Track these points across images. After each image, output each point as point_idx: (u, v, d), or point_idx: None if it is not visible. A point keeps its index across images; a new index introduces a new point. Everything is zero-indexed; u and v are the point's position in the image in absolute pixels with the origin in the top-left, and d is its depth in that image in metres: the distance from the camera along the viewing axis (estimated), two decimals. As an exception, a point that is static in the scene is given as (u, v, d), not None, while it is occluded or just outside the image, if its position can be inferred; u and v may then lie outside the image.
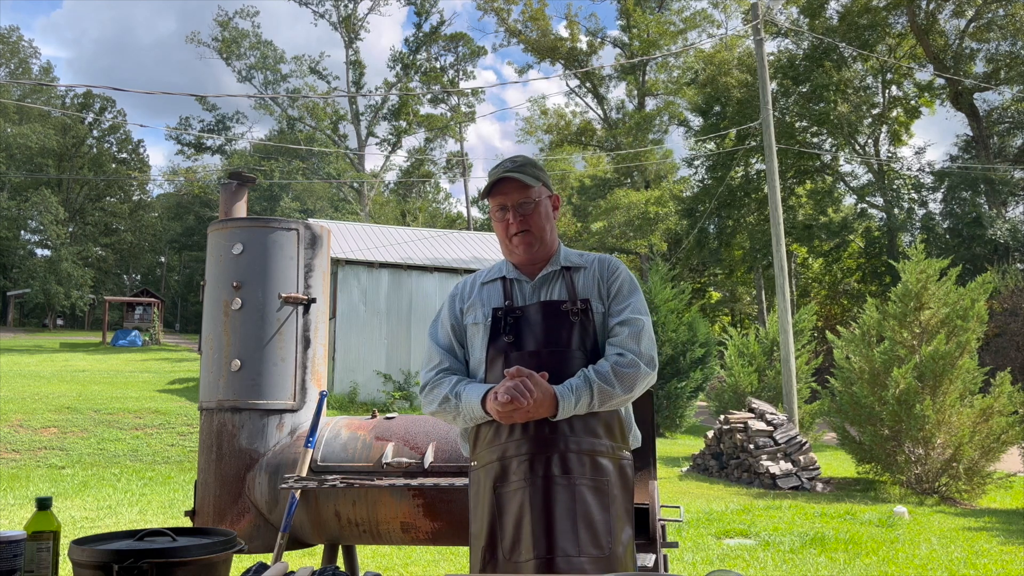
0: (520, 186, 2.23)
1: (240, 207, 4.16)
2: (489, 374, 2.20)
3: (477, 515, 2.19)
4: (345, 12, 46.45)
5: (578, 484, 2.08)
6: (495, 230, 2.32)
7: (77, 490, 9.42)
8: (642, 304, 2.27)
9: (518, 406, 1.99)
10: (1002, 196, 28.48)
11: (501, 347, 2.19)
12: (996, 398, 10.20)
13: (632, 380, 2.14)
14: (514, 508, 2.09)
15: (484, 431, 2.19)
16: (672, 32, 38.14)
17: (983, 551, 6.73)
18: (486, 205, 35.61)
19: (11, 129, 46.52)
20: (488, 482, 2.15)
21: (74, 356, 28.09)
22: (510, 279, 2.31)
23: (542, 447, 2.10)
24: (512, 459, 2.11)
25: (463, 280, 2.44)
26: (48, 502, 1.79)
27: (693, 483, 11.48)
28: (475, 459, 2.23)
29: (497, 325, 2.22)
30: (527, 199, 2.23)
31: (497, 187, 2.24)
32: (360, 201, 46.54)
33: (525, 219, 2.24)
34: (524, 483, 2.08)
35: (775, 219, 14.47)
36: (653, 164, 36.19)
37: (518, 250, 2.26)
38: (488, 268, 2.43)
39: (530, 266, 2.30)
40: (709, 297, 40.96)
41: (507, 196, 2.23)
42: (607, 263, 2.33)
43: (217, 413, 3.45)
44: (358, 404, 17.54)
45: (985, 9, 29.05)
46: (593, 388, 2.09)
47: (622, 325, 2.21)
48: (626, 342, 2.18)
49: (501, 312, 2.23)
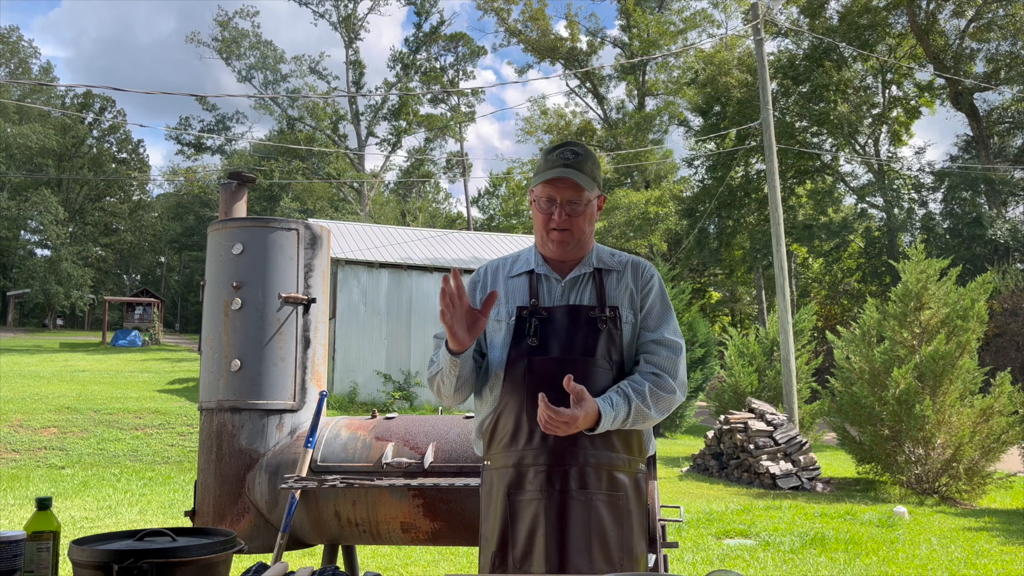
0: (575, 185, 2.10)
1: (240, 207, 4.16)
2: (508, 376, 2.10)
3: (488, 518, 2.13)
4: (345, 12, 46.46)
5: (594, 499, 2.03)
6: (534, 216, 2.20)
7: (77, 490, 9.42)
8: (676, 322, 2.21)
9: (555, 431, 1.95)
10: (1002, 196, 28.50)
11: (524, 350, 2.09)
12: (996, 398, 10.20)
13: (667, 405, 2.09)
14: (528, 518, 2.04)
15: (500, 431, 2.12)
16: (672, 32, 38.16)
17: (983, 551, 6.73)
18: (486, 204, 35.29)
19: (11, 129, 46.50)
20: (502, 487, 2.09)
21: (74, 356, 28.09)
22: (539, 274, 2.19)
23: (560, 459, 2.04)
24: (529, 468, 2.05)
25: (484, 267, 2.29)
26: (48, 502, 1.79)
27: (693, 483, 11.48)
28: (488, 459, 2.16)
29: (521, 326, 2.11)
30: (578, 200, 2.11)
31: (554, 179, 2.10)
32: (360, 201, 46.55)
33: (570, 219, 2.12)
34: (540, 495, 2.03)
35: (775, 219, 14.46)
36: (653, 164, 36.19)
37: (552, 246, 2.15)
38: (514, 256, 2.29)
39: (561, 263, 2.19)
40: (709, 297, 40.95)
41: (559, 191, 2.10)
42: (641, 269, 2.23)
43: (217, 413, 3.45)
44: (358, 404, 17.54)
45: (985, 9, 29.06)
46: (631, 406, 2.02)
47: (660, 345, 2.13)
48: (665, 364, 2.11)
49: (526, 312, 2.12)
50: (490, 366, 2.16)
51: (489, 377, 2.15)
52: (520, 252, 2.28)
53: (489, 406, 2.16)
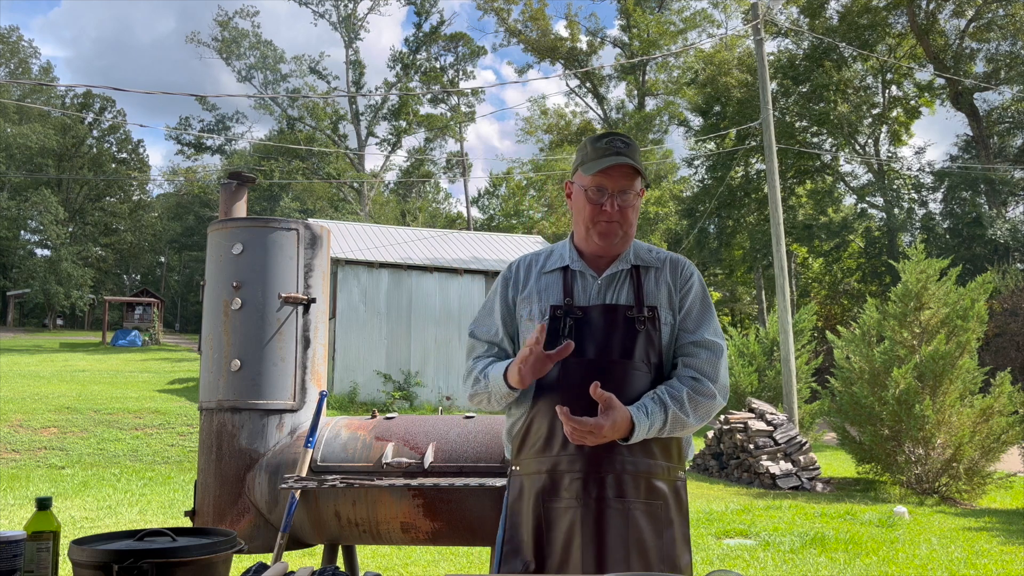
0: (629, 172, 1.98)
1: (240, 207, 4.16)
2: (542, 380, 1.97)
3: (519, 523, 2.02)
4: (345, 12, 46.47)
5: (632, 508, 1.94)
6: (577, 209, 2.06)
7: (77, 490, 9.42)
8: (718, 323, 2.09)
9: (581, 441, 1.86)
10: (1002, 196, 28.51)
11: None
12: (996, 398, 10.20)
13: (708, 411, 1.99)
14: (563, 526, 1.95)
15: (533, 436, 2.01)
16: (672, 32, 38.18)
17: (983, 551, 6.73)
18: (486, 204, 35.06)
19: (11, 129, 46.50)
20: (532, 492, 2.00)
21: (74, 356, 28.09)
22: (574, 271, 2.07)
23: (596, 467, 1.95)
24: (564, 475, 1.96)
25: (516, 262, 2.17)
26: (48, 502, 1.79)
27: (693, 483, 11.47)
28: (518, 464, 2.06)
29: (555, 326, 1.99)
30: (630, 190, 1.99)
31: (608, 168, 1.98)
32: (360, 201, 46.55)
33: (622, 211, 1.99)
34: (576, 503, 1.94)
35: (775, 219, 14.47)
36: (653, 164, 36.18)
37: (598, 239, 2.02)
38: (547, 251, 2.16)
39: (598, 259, 2.07)
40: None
41: (612, 180, 1.97)
42: (680, 266, 2.11)
43: (217, 413, 3.45)
44: (358, 404, 17.54)
45: (985, 9, 29.07)
46: (668, 414, 1.92)
47: (700, 347, 2.02)
48: (704, 367, 2.00)
49: (560, 312, 2.00)
50: None
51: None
52: (554, 247, 2.17)
53: (521, 410, 2.05)
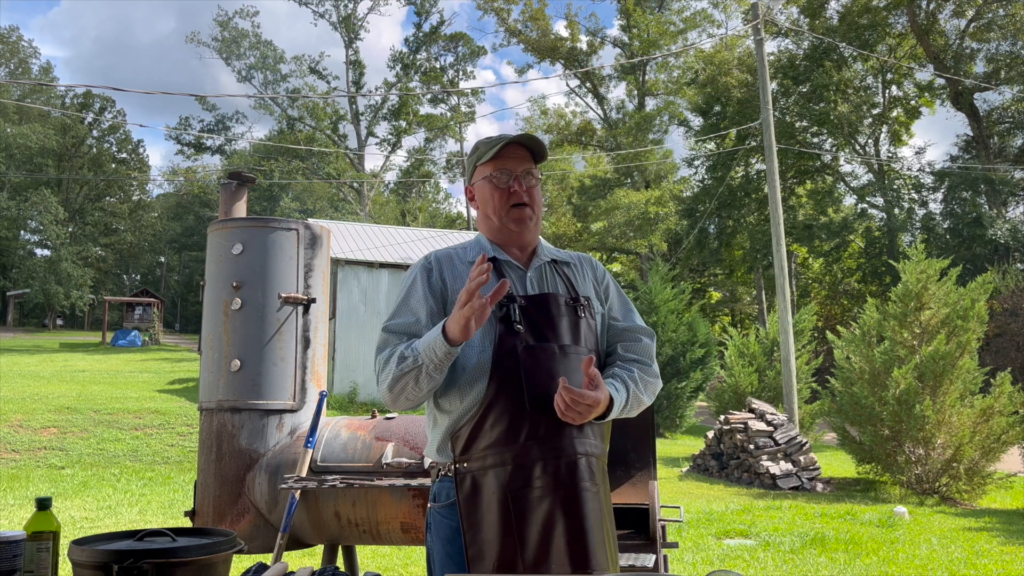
0: (527, 156, 1.99)
1: (240, 207, 4.16)
2: (499, 369, 1.87)
3: (478, 521, 1.86)
4: (345, 12, 46.46)
5: (600, 491, 1.91)
6: (486, 200, 2.01)
7: (77, 490, 9.42)
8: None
9: (573, 418, 1.81)
10: (1002, 196, 28.51)
11: (513, 340, 1.89)
12: (996, 398, 10.20)
13: (654, 391, 2.03)
14: (539, 517, 1.83)
15: (487, 430, 1.87)
16: (672, 32, 38.14)
17: (983, 551, 6.73)
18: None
19: (11, 129, 46.48)
20: (495, 487, 1.85)
21: (74, 356, 28.08)
22: (502, 261, 2.00)
23: (568, 451, 1.87)
24: (536, 462, 1.85)
25: (431, 255, 2.06)
26: (48, 502, 1.79)
27: (693, 483, 11.47)
28: (465, 461, 1.90)
29: (504, 313, 1.91)
30: (533, 172, 2.00)
31: (505, 150, 1.97)
32: (360, 201, 46.54)
33: (530, 191, 1.99)
34: (549, 491, 1.84)
35: (775, 219, 14.47)
36: (653, 164, 36.17)
37: (513, 226, 1.99)
38: (459, 247, 2.09)
39: (517, 251, 2.03)
40: (709, 297, 40.94)
41: (514, 161, 1.98)
42: (591, 262, 2.16)
43: (217, 413, 3.45)
44: (358, 404, 17.54)
45: (985, 9, 29.07)
46: (630, 393, 1.94)
47: (637, 333, 2.08)
48: (644, 351, 2.06)
49: (505, 299, 1.91)
50: (466, 361, 1.91)
51: (461, 374, 1.91)
52: (465, 244, 2.10)
53: (467, 405, 1.91)
